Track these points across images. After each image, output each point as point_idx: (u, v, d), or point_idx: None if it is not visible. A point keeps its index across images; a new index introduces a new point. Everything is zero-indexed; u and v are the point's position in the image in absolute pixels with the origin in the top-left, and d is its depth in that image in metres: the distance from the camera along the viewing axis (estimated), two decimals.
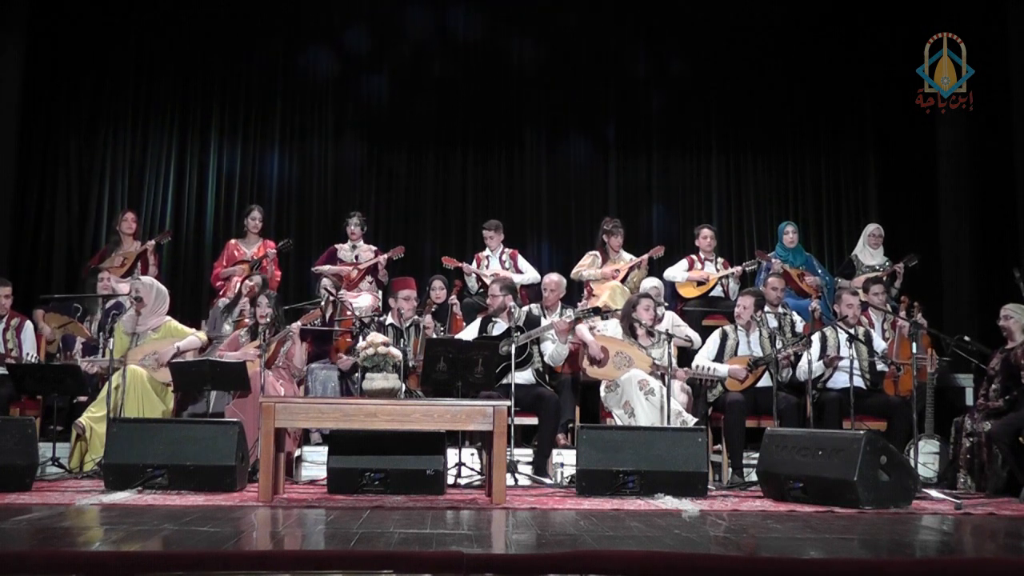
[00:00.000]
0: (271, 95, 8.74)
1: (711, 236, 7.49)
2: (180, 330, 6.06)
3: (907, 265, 7.24)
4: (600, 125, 8.91)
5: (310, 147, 8.76)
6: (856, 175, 8.85)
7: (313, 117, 8.78)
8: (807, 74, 8.80)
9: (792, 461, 4.74)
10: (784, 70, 8.83)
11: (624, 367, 5.89)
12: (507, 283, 6.14)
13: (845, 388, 5.68)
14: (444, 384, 5.34)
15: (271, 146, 8.72)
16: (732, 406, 5.75)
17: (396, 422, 4.49)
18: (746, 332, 6.08)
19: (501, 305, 5.96)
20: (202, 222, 8.56)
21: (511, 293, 6.07)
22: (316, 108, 8.79)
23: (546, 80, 8.87)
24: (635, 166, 8.90)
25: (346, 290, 7.08)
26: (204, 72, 8.65)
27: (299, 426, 5.38)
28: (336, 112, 8.80)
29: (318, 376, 6.44)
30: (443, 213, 8.76)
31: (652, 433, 5.05)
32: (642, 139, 8.91)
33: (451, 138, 8.81)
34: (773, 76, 8.84)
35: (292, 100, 8.76)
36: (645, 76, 8.93)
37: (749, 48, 8.80)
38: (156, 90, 8.62)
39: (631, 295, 6.53)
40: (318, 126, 8.79)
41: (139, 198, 8.43)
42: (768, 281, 6.69)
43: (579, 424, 5.75)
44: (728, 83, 8.83)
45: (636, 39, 8.93)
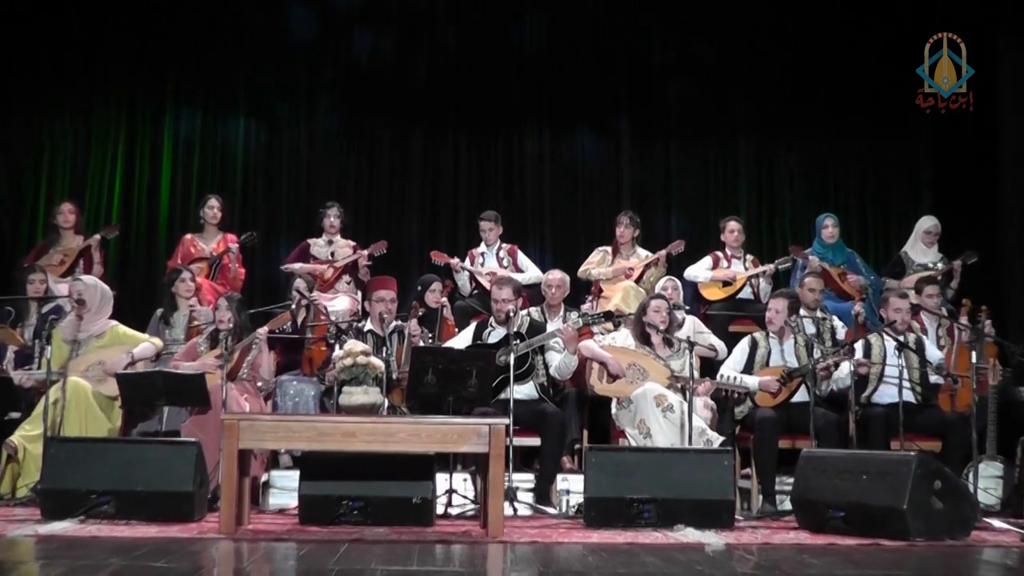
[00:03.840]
0: (234, 69, 8.73)
1: (739, 230, 7.48)
2: (130, 336, 6.04)
3: (965, 263, 7.24)
4: (612, 107, 8.93)
5: (278, 126, 8.76)
6: (905, 160, 8.87)
7: (283, 93, 8.79)
8: (846, 44, 8.78)
9: (832, 486, 4.73)
10: (820, 40, 8.82)
11: (638, 381, 5.87)
12: (516, 285, 6.13)
13: (893, 403, 5.66)
14: (433, 399, 5.33)
15: (234, 127, 8.72)
16: (763, 424, 5.74)
17: (378, 443, 4.49)
18: (779, 339, 6.07)
19: (511, 310, 5.92)
20: (154, 214, 8.54)
21: (519, 296, 6.08)
22: (287, 83, 8.81)
23: (553, 55, 8.89)
24: (652, 150, 8.91)
25: (321, 291, 7.06)
26: (157, 43, 8.61)
27: (267, 447, 5.36)
28: (309, 86, 8.82)
29: (288, 390, 6.43)
30: (432, 203, 8.75)
31: (671, 455, 5.05)
32: (659, 121, 8.92)
33: (442, 117, 8.80)
34: (806, 48, 8.84)
35: (258, 75, 8.77)
36: (663, 55, 8.96)
37: (778, 18, 8.81)
38: (100, 64, 8.61)
39: (646, 297, 6.53)
40: (288, 100, 8.79)
41: (82, 187, 8.43)
42: (804, 281, 6.68)
43: (587, 445, 5.73)
44: (756, 58, 8.85)
45: (654, 17, 8.93)
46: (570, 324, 5.83)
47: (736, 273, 7.35)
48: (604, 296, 7.19)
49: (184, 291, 6.69)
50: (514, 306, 5.94)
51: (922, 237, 7.46)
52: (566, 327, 5.79)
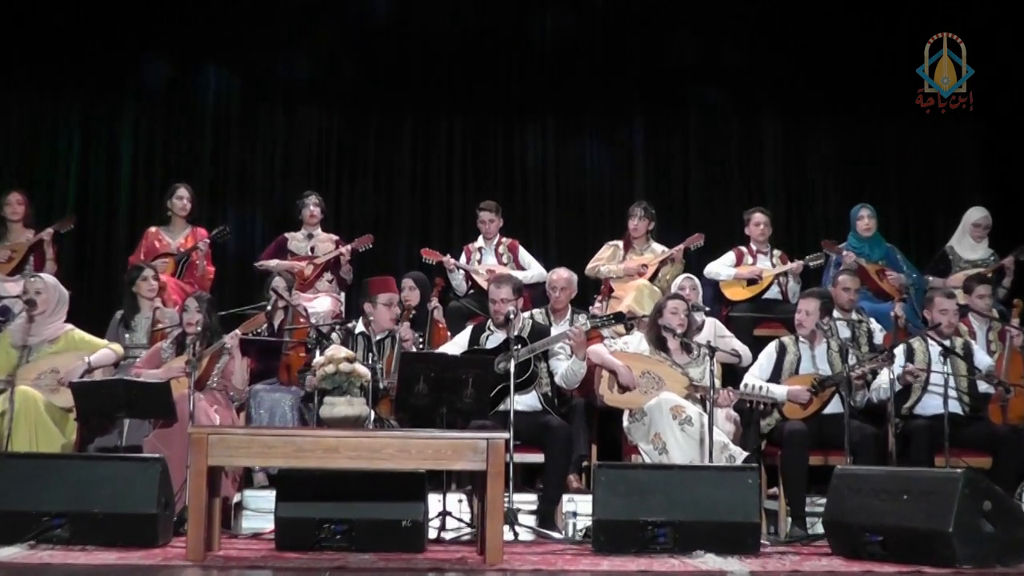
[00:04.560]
0: (203, 46, 8.72)
1: (765, 222, 7.49)
2: (88, 341, 6.03)
3: (1018, 259, 7.27)
4: (623, 83, 8.92)
5: (252, 109, 8.74)
6: (951, 144, 8.85)
7: (256, 70, 8.79)
8: (886, 13, 8.78)
9: (869, 508, 4.71)
10: (855, 7, 8.83)
11: (652, 390, 5.86)
12: (516, 283, 6.13)
13: (938, 415, 5.66)
14: (425, 411, 5.32)
15: (202, 109, 8.71)
16: (792, 438, 5.74)
17: (363, 459, 4.48)
18: (810, 344, 6.07)
19: (512, 310, 5.92)
20: (114, 205, 8.55)
21: (519, 296, 6.07)
22: (261, 63, 8.80)
23: (560, 22, 8.90)
24: (667, 133, 8.90)
25: (300, 291, 7.08)
26: (120, 17, 8.58)
27: (239, 464, 5.34)
28: (287, 64, 8.80)
29: (264, 400, 6.43)
30: (423, 193, 8.73)
31: (689, 473, 5.04)
32: (675, 100, 8.91)
33: (437, 99, 8.78)
34: (840, 16, 8.82)
35: (230, 54, 8.77)
36: (678, 21, 8.95)
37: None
38: (54, 39, 8.55)
39: (661, 297, 6.53)
40: (262, 82, 8.77)
41: (30, 175, 8.40)
42: (838, 279, 6.68)
43: (596, 462, 5.73)
44: (784, 36, 8.85)
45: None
46: (579, 326, 5.83)
47: (762, 270, 7.35)
48: (615, 296, 7.18)
49: (147, 291, 6.66)
50: (514, 307, 5.93)
51: (970, 230, 7.45)
52: (575, 329, 5.79)
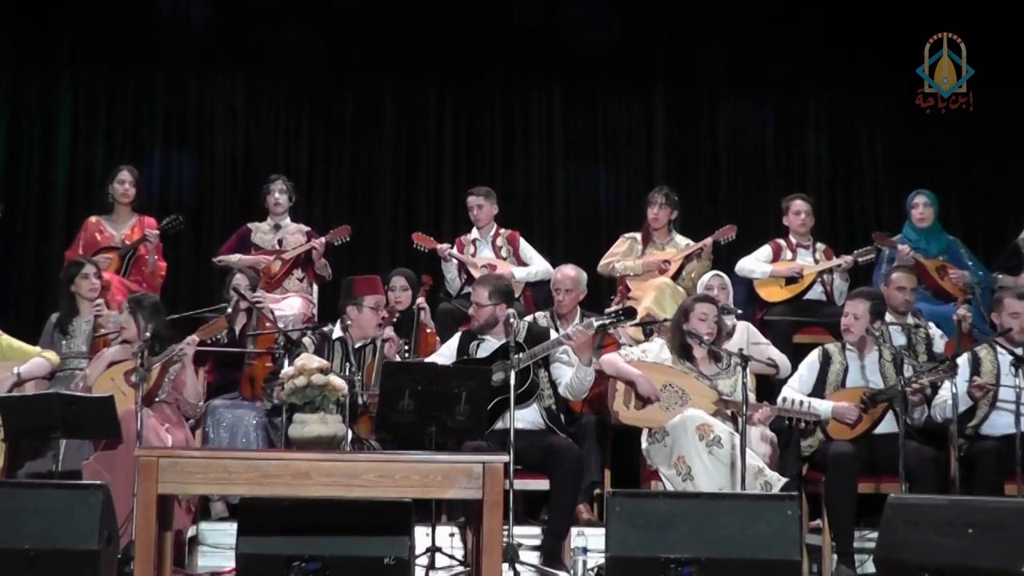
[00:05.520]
0: (150, 4, 8.75)
1: (806, 211, 7.51)
2: (17, 349, 6.07)
3: None
4: (643, 49, 8.92)
5: (209, 75, 8.75)
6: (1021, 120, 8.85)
7: (214, 31, 8.77)
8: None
9: (928, 543, 4.63)
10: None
11: (675, 406, 5.88)
12: (499, 285, 6.11)
13: (1008, 435, 5.67)
14: (411, 430, 5.34)
15: (148, 75, 8.69)
16: (838, 462, 5.74)
17: (339, 486, 4.49)
18: (858, 353, 6.08)
19: (491, 318, 5.95)
20: (49, 192, 8.57)
21: (504, 300, 6.04)
22: (218, 24, 8.78)
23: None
24: (692, 108, 8.91)
25: (266, 290, 7.08)
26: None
27: (195, 491, 5.31)
28: (247, 24, 8.78)
29: (223, 418, 6.44)
30: (408, 177, 8.75)
31: (718, 502, 5.00)
32: (703, 71, 8.93)
33: (422, 64, 8.81)
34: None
35: (181, 13, 8.77)
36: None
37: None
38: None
39: (687, 298, 6.51)
40: (221, 44, 8.77)
41: None
42: (892, 278, 6.71)
43: (610, 490, 5.75)
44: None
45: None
46: (581, 326, 5.81)
47: (803, 267, 7.37)
48: (632, 297, 7.17)
49: (87, 290, 6.62)
50: (503, 312, 5.92)
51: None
52: (575, 330, 5.79)
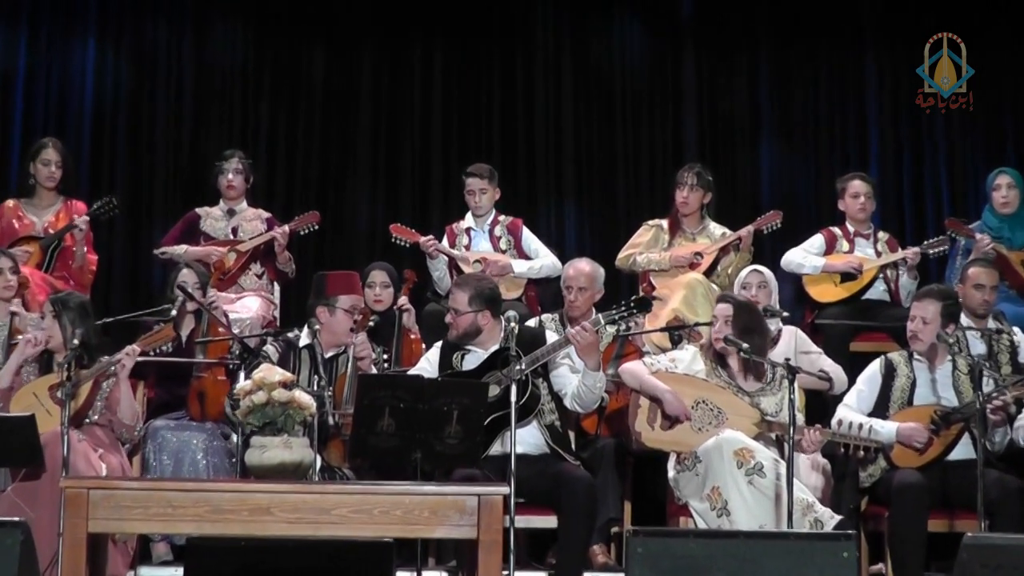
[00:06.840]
0: None
1: (866, 194, 7.41)
2: None
3: None
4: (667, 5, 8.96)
5: (150, 35, 8.70)
6: None
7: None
8: None
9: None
10: None
11: (709, 427, 5.79)
12: (481, 288, 5.91)
13: None
14: (391, 456, 5.20)
15: (81, 32, 8.64)
16: (903, 494, 5.62)
17: (306, 524, 4.45)
18: (928, 364, 5.94)
19: (470, 326, 5.81)
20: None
21: (487, 306, 5.87)
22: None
23: None
24: (728, 72, 8.88)
25: (218, 289, 7.08)
26: None
27: (134, 530, 5.26)
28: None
29: (167, 442, 6.27)
30: (389, 154, 8.76)
31: (760, 543, 4.69)
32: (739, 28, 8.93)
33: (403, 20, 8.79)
34: None
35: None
36: None
37: None
38: None
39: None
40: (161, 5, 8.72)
41: None
42: (969, 273, 6.60)
43: (630, 528, 5.46)
44: None
45: None
46: (585, 325, 5.68)
47: (862, 261, 7.30)
48: (657, 296, 7.03)
49: (1, 288, 6.62)
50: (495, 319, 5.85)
51: None
52: (576, 329, 5.63)
